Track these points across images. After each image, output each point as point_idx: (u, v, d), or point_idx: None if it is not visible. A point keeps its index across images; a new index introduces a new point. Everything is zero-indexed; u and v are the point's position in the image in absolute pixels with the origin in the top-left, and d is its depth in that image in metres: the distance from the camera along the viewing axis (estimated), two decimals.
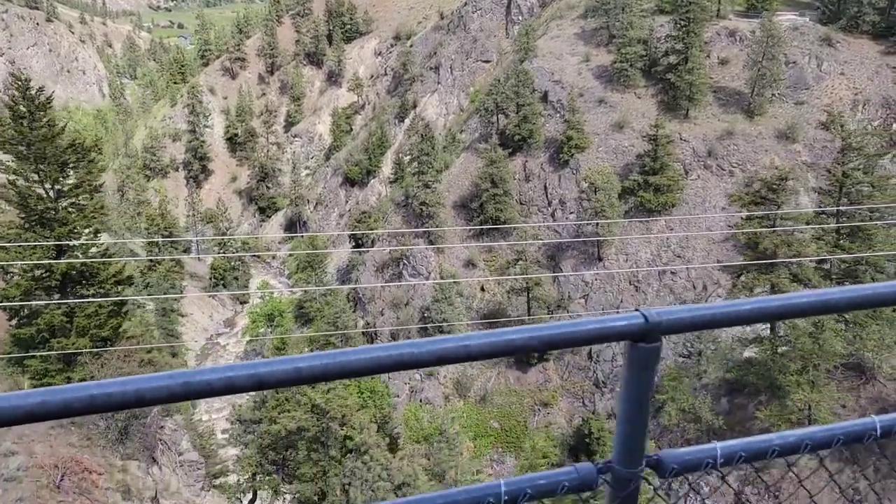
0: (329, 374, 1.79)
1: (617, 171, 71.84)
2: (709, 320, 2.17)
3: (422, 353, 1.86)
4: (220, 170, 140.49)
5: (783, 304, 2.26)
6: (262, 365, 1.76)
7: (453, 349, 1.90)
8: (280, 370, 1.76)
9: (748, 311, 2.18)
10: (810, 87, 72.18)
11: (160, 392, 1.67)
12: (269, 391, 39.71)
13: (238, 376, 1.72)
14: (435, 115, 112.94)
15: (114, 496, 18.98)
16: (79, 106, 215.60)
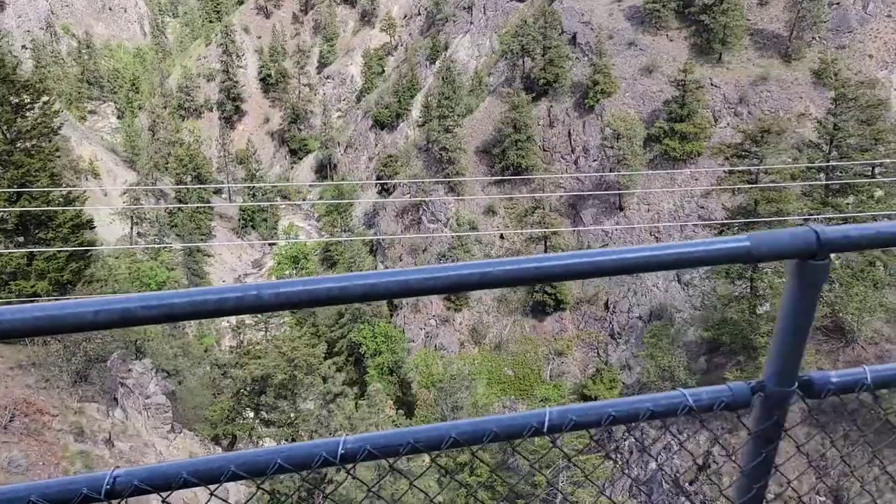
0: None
1: (643, 117, 69.57)
2: (873, 238, 2.11)
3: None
4: (254, 111, 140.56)
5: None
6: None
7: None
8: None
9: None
10: (853, 31, 68.20)
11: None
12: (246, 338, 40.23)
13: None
14: (466, 57, 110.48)
15: (66, 437, 19.33)
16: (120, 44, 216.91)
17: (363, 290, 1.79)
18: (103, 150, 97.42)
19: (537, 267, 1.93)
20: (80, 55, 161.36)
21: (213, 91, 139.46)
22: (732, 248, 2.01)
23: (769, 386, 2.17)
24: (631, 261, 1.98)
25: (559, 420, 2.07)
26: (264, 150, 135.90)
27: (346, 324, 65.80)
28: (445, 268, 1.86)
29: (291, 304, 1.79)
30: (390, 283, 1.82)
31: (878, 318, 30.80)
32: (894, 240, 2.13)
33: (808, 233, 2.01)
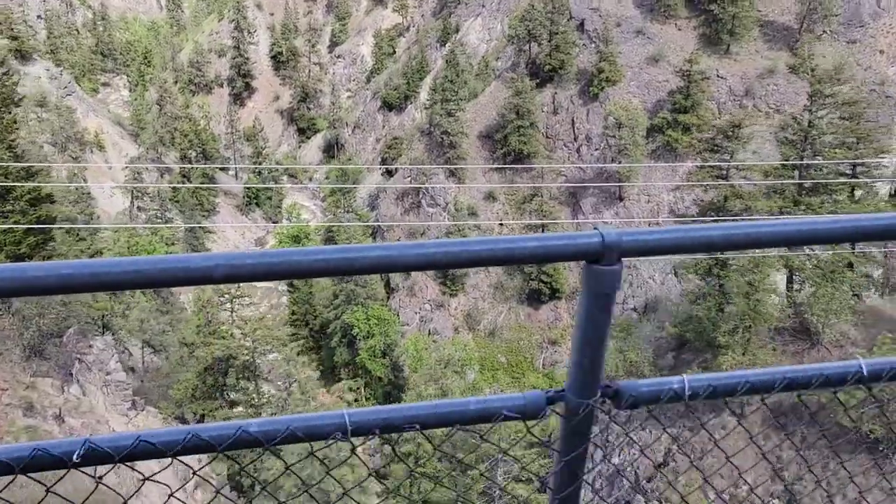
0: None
1: (648, 107, 68.81)
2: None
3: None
4: (264, 88, 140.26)
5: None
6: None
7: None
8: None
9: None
10: (865, 25, 66.89)
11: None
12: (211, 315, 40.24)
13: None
14: (477, 40, 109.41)
15: (14, 412, 19.36)
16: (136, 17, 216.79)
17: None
18: (109, 123, 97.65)
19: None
20: (95, 27, 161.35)
21: (223, 67, 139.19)
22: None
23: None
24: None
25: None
26: (273, 128, 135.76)
27: (340, 305, 65.84)
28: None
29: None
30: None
31: (844, 321, 30.32)
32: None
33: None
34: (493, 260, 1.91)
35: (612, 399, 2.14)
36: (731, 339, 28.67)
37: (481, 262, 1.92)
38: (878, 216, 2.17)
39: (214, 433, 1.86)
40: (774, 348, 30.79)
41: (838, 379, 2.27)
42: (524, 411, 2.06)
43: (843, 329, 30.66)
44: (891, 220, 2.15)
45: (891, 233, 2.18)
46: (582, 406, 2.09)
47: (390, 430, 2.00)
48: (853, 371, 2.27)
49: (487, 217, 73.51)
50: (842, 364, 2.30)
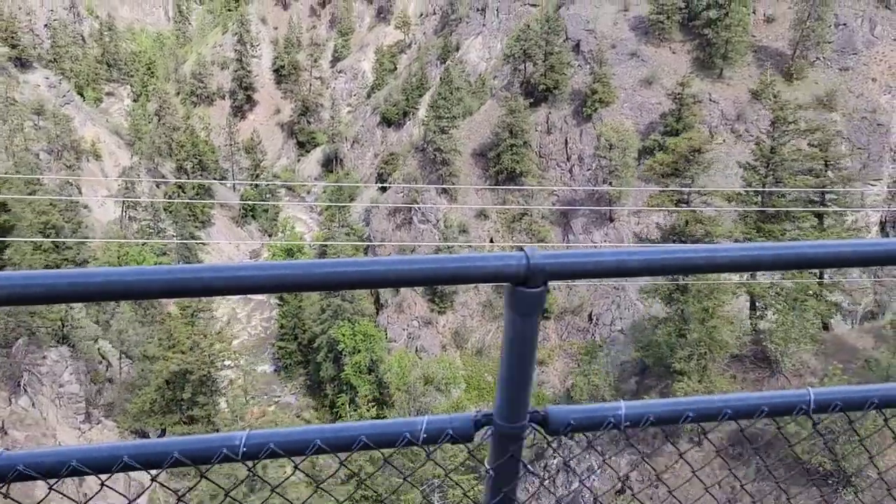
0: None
1: (640, 129, 68.87)
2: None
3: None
4: (266, 101, 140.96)
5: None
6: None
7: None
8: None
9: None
10: (858, 52, 67.00)
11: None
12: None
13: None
14: (477, 59, 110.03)
15: None
16: (143, 28, 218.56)
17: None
18: (107, 133, 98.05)
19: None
20: (101, 37, 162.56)
21: (226, 79, 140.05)
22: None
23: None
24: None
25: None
26: (273, 142, 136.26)
27: (327, 320, 65.65)
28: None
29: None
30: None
31: (804, 350, 30.00)
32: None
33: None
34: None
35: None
36: (686, 365, 28.45)
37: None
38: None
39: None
40: (734, 376, 30.51)
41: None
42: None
43: (803, 358, 30.39)
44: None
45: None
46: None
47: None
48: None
49: (479, 235, 73.45)
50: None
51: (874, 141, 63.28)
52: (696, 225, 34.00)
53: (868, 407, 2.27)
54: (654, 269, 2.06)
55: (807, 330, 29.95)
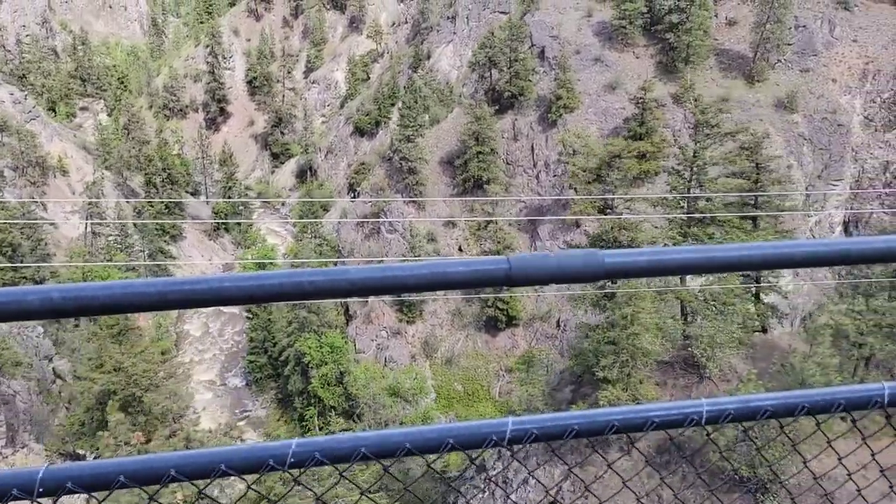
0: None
1: (605, 134, 68.85)
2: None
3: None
4: (240, 113, 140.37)
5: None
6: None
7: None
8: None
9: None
10: (818, 54, 67.38)
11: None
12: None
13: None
14: (448, 67, 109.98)
15: None
16: (118, 42, 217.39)
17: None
18: (74, 148, 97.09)
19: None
20: (75, 51, 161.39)
21: (199, 92, 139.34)
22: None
23: None
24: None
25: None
26: (248, 153, 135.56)
27: (294, 332, 65.06)
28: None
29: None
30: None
31: (730, 354, 29.84)
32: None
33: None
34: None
35: None
36: (610, 373, 28.22)
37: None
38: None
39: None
40: (657, 382, 30.28)
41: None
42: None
43: (731, 362, 30.19)
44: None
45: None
46: None
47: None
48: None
49: (447, 243, 73.18)
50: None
51: (835, 141, 63.58)
52: (620, 231, 33.88)
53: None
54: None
55: (733, 334, 29.78)
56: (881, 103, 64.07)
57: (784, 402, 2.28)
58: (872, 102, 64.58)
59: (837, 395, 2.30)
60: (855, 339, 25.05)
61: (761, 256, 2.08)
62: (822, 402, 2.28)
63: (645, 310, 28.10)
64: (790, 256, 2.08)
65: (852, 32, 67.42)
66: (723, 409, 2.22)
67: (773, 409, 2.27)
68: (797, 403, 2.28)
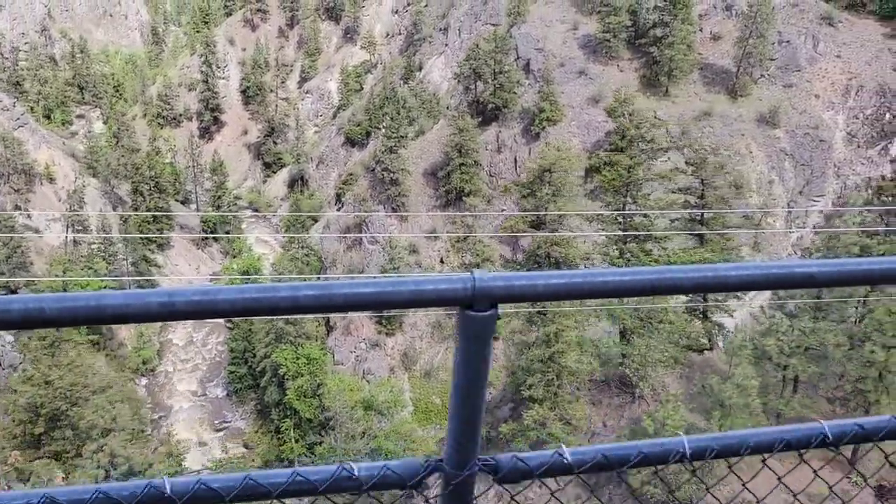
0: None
1: (587, 147, 68.61)
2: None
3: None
4: (233, 122, 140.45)
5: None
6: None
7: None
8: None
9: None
10: (802, 69, 67.12)
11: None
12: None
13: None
14: (439, 78, 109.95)
15: None
16: (118, 51, 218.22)
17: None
18: (62, 155, 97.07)
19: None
20: (73, 59, 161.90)
21: (193, 101, 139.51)
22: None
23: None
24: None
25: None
26: (241, 162, 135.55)
27: (271, 344, 64.64)
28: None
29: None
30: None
31: (665, 374, 29.26)
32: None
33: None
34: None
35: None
36: (535, 391, 27.71)
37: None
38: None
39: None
40: (592, 401, 29.71)
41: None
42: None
43: (665, 382, 29.63)
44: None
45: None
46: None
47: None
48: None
49: (429, 255, 72.80)
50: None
51: (817, 157, 63.22)
52: (551, 247, 33.44)
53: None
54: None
55: (665, 352, 29.18)
56: (864, 119, 63.71)
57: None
58: (855, 118, 64.23)
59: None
60: (778, 361, 24.52)
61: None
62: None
63: (569, 327, 27.62)
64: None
65: (836, 48, 67.16)
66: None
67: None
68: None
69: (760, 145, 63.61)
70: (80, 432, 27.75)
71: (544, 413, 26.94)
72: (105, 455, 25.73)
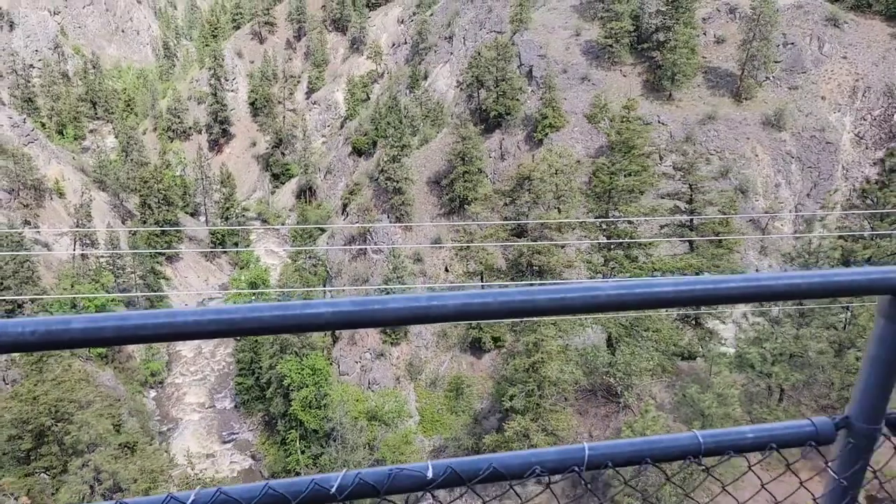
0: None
1: (590, 153, 68.12)
2: None
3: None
4: (242, 134, 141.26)
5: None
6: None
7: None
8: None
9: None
10: (807, 71, 66.37)
11: None
12: None
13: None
14: (445, 87, 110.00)
15: None
16: (130, 66, 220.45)
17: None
18: (72, 170, 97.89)
19: None
20: (86, 75, 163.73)
21: (202, 114, 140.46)
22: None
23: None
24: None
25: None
26: (249, 174, 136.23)
27: (276, 354, 64.52)
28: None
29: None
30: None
31: (651, 382, 28.65)
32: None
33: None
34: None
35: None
36: (516, 402, 27.22)
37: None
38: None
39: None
40: (579, 411, 29.17)
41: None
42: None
43: (652, 391, 29.04)
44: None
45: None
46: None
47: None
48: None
49: (434, 263, 72.56)
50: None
51: (824, 160, 62.42)
52: (533, 255, 33.03)
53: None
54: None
55: (650, 361, 28.60)
56: (871, 121, 62.87)
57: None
58: (863, 120, 63.41)
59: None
60: (761, 369, 23.86)
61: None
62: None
63: (550, 336, 27.17)
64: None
65: (842, 49, 66.38)
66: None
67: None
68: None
69: (766, 148, 62.90)
70: (66, 448, 27.68)
71: (526, 424, 26.48)
72: (90, 470, 25.63)
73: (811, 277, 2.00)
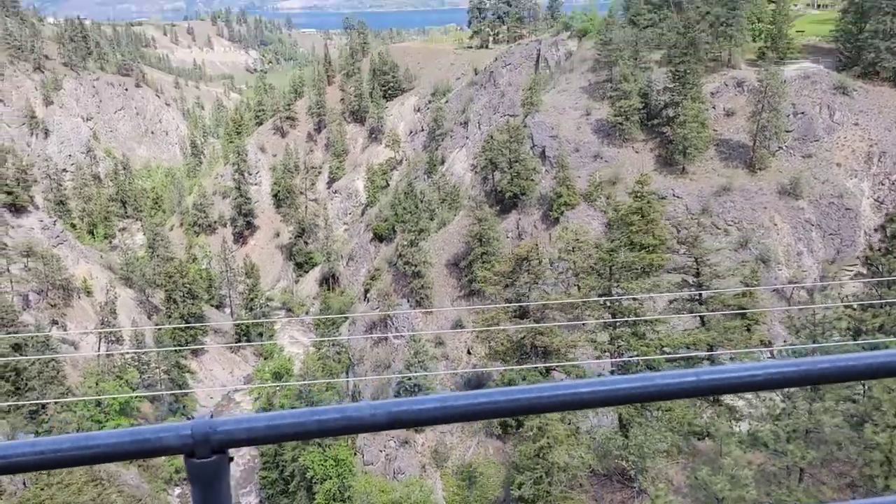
0: None
1: (606, 229, 68.06)
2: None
3: None
4: (266, 226, 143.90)
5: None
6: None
7: None
8: None
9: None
10: (820, 139, 66.47)
11: None
12: None
13: None
14: (462, 170, 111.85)
15: None
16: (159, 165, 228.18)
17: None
18: (100, 269, 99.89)
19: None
20: (116, 176, 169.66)
21: (227, 207, 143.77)
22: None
23: None
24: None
25: None
26: (273, 264, 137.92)
27: (298, 446, 63.49)
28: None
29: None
30: None
31: (667, 465, 27.39)
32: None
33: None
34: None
35: None
36: (524, 491, 26.17)
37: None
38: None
39: None
40: (595, 498, 27.90)
41: None
42: None
43: (669, 475, 27.71)
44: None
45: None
46: None
47: None
48: None
49: (455, 346, 71.91)
50: None
51: (844, 226, 61.68)
52: (535, 337, 32.44)
53: None
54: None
55: (661, 442, 27.40)
56: (890, 185, 62.36)
57: None
58: (881, 185, 62.93)
59: None
60: (774, 447, 22.69)
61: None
62: None
63: (555, 420, 26.36)
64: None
65: (853, 116, 66.58)
66: None
67: None
68: None
69: (785, 217, 62.42)
70: None
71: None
72: None
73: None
